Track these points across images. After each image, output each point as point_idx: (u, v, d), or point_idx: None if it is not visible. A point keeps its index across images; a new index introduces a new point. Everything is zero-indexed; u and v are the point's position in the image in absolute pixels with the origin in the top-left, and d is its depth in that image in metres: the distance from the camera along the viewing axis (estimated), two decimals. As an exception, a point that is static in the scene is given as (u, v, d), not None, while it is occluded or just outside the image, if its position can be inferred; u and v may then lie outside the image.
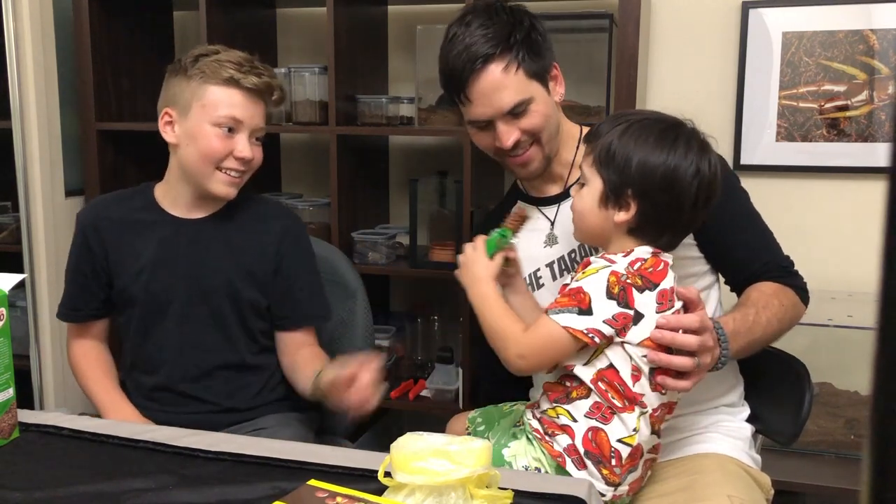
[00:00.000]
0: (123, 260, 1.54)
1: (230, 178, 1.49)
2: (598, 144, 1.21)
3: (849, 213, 2.19)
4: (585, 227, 1.25)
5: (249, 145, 1.48)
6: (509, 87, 1.32)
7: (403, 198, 2.42)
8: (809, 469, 1.95)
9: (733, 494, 1.22)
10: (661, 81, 2.29)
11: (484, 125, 1.37)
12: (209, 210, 1.55)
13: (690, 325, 1.15)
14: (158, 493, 1.04)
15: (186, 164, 1.49)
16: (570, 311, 1.15)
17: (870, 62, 2.12)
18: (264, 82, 1.48)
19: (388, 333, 2.31)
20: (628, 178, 1.17)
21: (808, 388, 1.42)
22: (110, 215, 1.57)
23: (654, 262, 1.18)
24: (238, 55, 1.49)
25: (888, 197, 0.36)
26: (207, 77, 1.45)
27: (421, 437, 1.00)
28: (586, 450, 1.18)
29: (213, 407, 1.54)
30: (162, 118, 1.50)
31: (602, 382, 1.16)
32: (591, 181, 1.22)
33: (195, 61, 1.47)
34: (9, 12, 2.22)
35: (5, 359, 1.18)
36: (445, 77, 1.37)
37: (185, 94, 1.46)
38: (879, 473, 0.37)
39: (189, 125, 1.47)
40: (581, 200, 1.24)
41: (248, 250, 1.54)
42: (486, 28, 1.31)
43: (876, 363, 0.37)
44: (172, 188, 1.55)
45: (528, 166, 1.40)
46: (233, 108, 1.45)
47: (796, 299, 1.39)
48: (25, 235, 2.33)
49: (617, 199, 1.19)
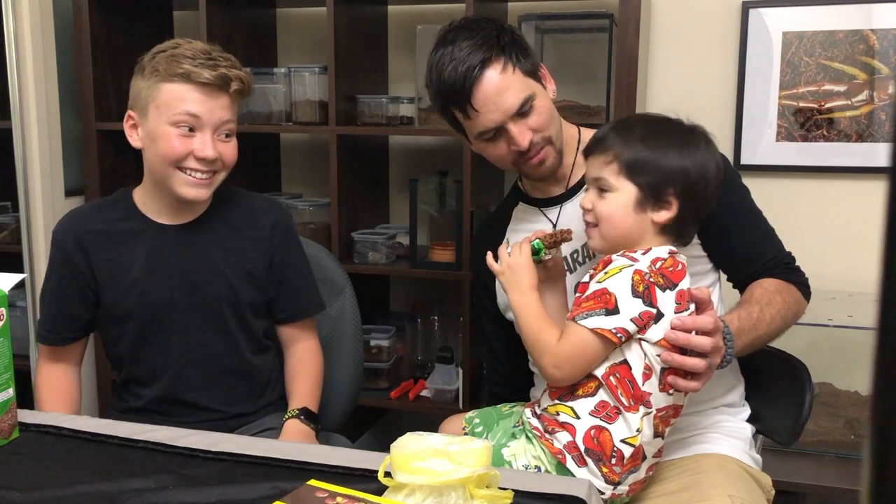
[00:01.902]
0: (112, 275, 1.47)
1: (195, 179, 1.40)
2: (620, 153, 1.21)
3: (849, 213, 2.19)
4: (616, 232, 1.23)
5: (213, 142, 1.39)
6: (511, 87, 1.31)
7: (403, 198, 2.42)
8: (809, 469, 1.95)
9: (734, 494, 1.22)
10: (661, 81, 2.29)
11: (493, 135, 1.35)
12: (194, 213, 1.50)
13: (705, 327, 1.15)
14: (158, 492, 1.04)
15: (151, 168, 1.44)
16: (597, 314, 1.15)
17: (870, 62, 2.12)
18: (219, 75, 1.38)
19: (388, 333, 2.31)
20: (667, 179, 1.20)
21: (808, 389, 1.42)
22: (91, 228, 1.48)
23: (672, 262, 1.20)
24: (196, 48, 1.40)
25: (888, 197, 0.36)
26: (161, 75, 1.37)
27: (421, 437, 1.00)
28: (587, 447, 1.18)
29: (220, 415, 1.53)
30: (126, 122, 1.44)
31: (614, 378, 1.16)
32: (620, 188, 1.21)
33: (152, 58, 1.40)
34: (9, 12, 2.22)
35: (5, 359, 1.18)
36: (444, 97, 1.34)
37: (143, 94, 1.39)
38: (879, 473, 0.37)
39: (149, 127, 1.40)
40: (610, 206, 1.22)
41: (242, 250, 1.52)
42: (471, 39, 1.31)
43: (876, 363, 0.37)
44: (150, 194, 1.48)
45: (545, 164, 1.39)
46: (188, 104, 1.37)
47: (798, 295, 1.40)
48: (25, 235, 2.33)
49: (657, 201, 1.21)
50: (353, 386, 1.77)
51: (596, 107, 2.12)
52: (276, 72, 2.31)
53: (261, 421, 1.55)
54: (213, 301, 1.49)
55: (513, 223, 1.53)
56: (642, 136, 1.22)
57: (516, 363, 1.52)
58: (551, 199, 1.48)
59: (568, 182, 1.46)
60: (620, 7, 1.96)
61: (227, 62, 1.41)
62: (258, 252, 1.53)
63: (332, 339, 1.74)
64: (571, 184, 1.45)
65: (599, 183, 1.24)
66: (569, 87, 2.20)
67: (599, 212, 1.24)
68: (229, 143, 1.44)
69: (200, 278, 1.48)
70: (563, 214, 1.45)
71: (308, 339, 1.61)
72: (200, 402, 1.52)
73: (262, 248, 1.53)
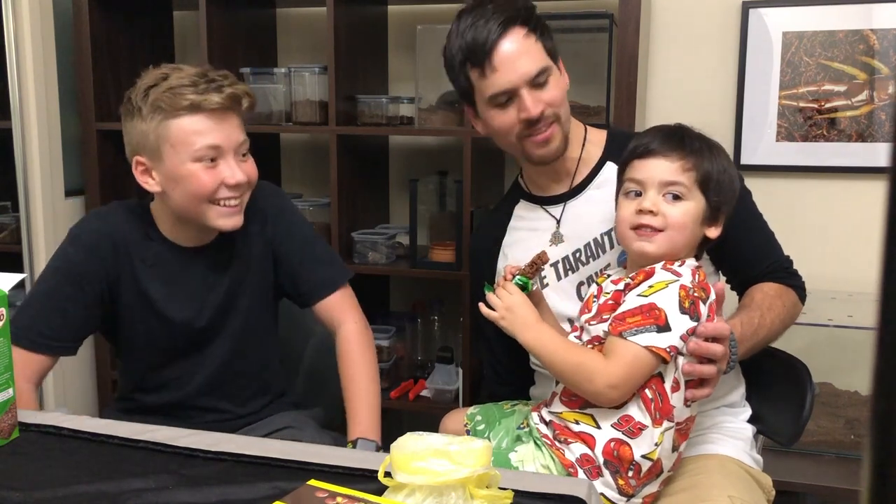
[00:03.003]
0: (129, 290, 1.43)
1: (229, 208, 1.36)
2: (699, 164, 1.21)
3: (849, 213, 2.19)
4: (682, 241, 1.22)
5: (237, 165, 1.35)
6: (531, 53, 1.33)
7: (403, 198, 2.42)
8: (809, 469, 1.95)
9: (734, 495, 1.22)
10: (661, 81, 2.29)
11: (505, 101, 1.35)
12: (213, 235, 1.46)
13: (724, 333, 1.16)
14: (158, 493, 1.04)
15: (179, 208, 1.37)
16: (648, 331, 1.13)
17: (870, 62, 2.12)
18: (227, 96, 1.31)
19: (388, 333, 2.31)
20: (727, 200, 1.24)
21: (809, 389, 1.42)
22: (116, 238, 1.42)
23: (702, 273, 1.21)
24: (190, 73, 1.32)
25: (888, 197, 0.36)
26: (166, 112, 1.29)
27: (421, 437, 1.00)
28: (606, 459, 1.17)
29: (230, 415, 1.53)
30: (135, 168, 1.36)
31: (650, 391, 1.16)
32: (694, 198, 1.21)
33: (145, 96, 1.31)
34: (9, 12, 2.22)
35: (5, 359, 1.18)
36: (464, 53, 1.34)
37: (150, 137, 1.31)
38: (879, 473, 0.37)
39: (168, 169, 1.32)
40: (684, 214, 1.21)
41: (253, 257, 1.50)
42: (499, 10, 1.32)
43: (876, 363, 0.37)
44: (173, 221, 1.43)
45: (550, 144, 1.38)
46: (206, 136, 1.30)
47: (795, 298, 1.41)
48: (25, 235, 2.33)
49: (714, 218, 1.23)
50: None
51: (596, 107, 2.12)
52: (276, 72, 2.31)
53: (269, 419, 1.55)
54: (232, 317, 1.49)
55: (514, 220, 1.53)
56: (716, 151, 1.24)
57: (516, 363, 1.52)
58: (554, 198, 1.47)
59: (573, 180, 1.45)
60: (620, 7, 1.96)
61: (227, 80, 1.34)
62: (262, 249, 1.50)
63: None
64: (577, 182, 1.45)
65: (674, 188, 1.20)
66: (569, 87, 2.20)
67: (673, 218, 1.20)
68: (249, 161, 1.39)
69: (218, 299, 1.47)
70: (567, 212, 1.45)
71: (346, 321, 1.52)
72: (209, 405, 1.52)
73: (263, 242, 1.50)
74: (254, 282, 1.51)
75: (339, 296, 1.54)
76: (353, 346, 1.51)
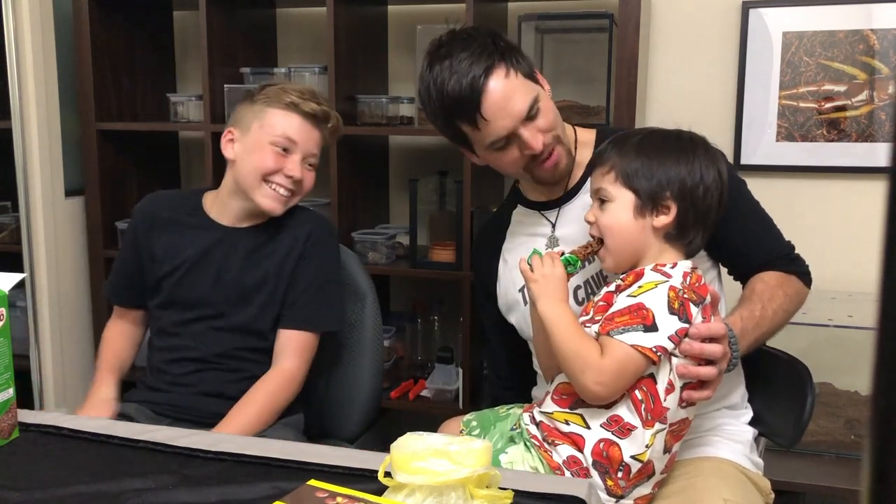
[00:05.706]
0: (164, 256, 1.60)
1: (277, 194, 1.55)
2: (617, 162, 1.22)
3: (849, 213, 2.19)
4: (622, 243, 1.22)
5: (300, 166, 1.55)
6: (518, 91, 1.30)
7: (403, 198, 2.42)
8: (809, 469, 1.95)
9: (729, 498, 1.21)
10: (661, 81, 2.29)
11: (504, 144, 1.33)
12: (252, 222, 1.61)
13: (719, 333, 1.15)
14: (158, 493, 1.04)
15: (240, 178, 1.57)
16: (635, 330, 1.13)
17: (870, 62, 2.12)
18: (322, 109, 1.57)
19: (388, 333, 2.30)
20: (662, 183, 1.20)
21: (810, 391, 1.41)
22: (161, 213, 1.64)
23: (697, 276, 1.20)
24: (301, 86, 1.60)
25: (888, 197, 0.36)
26: (270, 101, 1.55)
27: (421, 437, 1.00)
28: (595, 460, 1.17)
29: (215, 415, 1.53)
30: (224, 136, 1.60)
31: (640, 392, 1.15)
32: (619, 196, 1.22)
33: (262, 89, 1.59)
34: (9, 12, 2.22)
35: (5, 359, 1.18)
36: (449, 111, 1.31)
37: (248, 116, 1.57)
38: (879, 473, 0.37)
39: (248, 142, 1.56)
40: (611, 216, 1.22)
41: (277, 257, 1.58)
42: (467, 51, 1.28)
43: (876, 363, 0.37)
44: (222, 200, 1.62)
45: (559, 165, 1.38)
46: (289, 129, 1.54)
47: (799, 285, 1.39)
48: (25, 235, 2.33)
49: (655, 205, 1.21)
50: (373, 395, 1.72)
51: (596, 107, 2.12)
52: (276, 72, 2.31)
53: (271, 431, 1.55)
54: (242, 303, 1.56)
55: (512, 226, 1.53)
56: (638, 145, 1.23)
57: (519, 367, 1.51)
58: (550, 202, 1.47)
59: (567, 185, 1.45)
60: (620, 7, 1.96)
61: (327, 104, 1.60)
62: (288, 258, 1.59)
63: (351, 345, 1.72)
64: (571, 185, 1.45)
65: (600, 194, 1.24)
66: (569, 87, 2.20)
67: (602, 223, 1.23)
68: (311, 173, 1.60)
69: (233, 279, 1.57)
70: (562, 216, 1.44)
71: (285, 361, 1.55)
72: (204, 406, 1.53)
73: (292, 254, 1.59)
74: (269, 280, 1.57)
75: (300, 337, 1.57)
76: (269, 385, 1.53)
